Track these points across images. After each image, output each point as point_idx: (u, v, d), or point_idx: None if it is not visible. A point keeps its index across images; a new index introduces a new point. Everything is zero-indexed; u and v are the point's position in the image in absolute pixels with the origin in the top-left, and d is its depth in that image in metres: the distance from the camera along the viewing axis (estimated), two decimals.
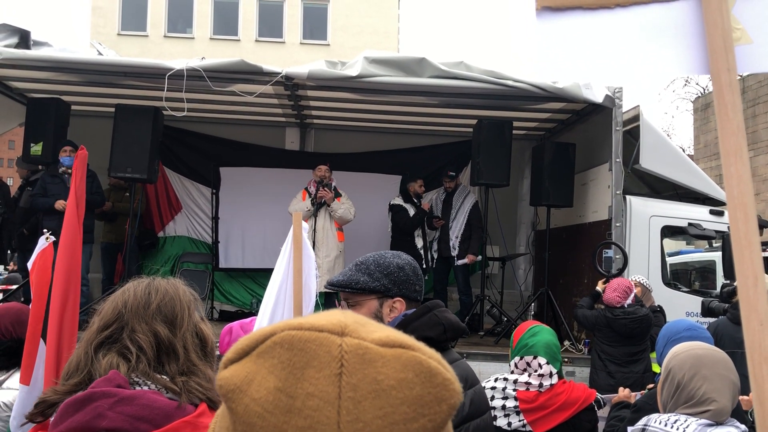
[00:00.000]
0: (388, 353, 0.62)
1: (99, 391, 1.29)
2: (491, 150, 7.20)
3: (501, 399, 3.13)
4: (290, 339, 0.63)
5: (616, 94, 6.64)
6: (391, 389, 0.61)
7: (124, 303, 1.50)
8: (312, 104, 8.16)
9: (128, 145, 6.84)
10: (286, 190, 8.05)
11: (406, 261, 2.03)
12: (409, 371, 0.62)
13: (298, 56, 21.33)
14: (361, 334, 0.64)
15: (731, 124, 1.04)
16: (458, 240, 8.09)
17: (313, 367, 0.61)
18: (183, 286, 1.61)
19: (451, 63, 6.58)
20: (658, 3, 1.14)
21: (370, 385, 0.61)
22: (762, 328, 0.96)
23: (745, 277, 0.99)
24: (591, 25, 1.16)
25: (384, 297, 1.97)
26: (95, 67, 6.67)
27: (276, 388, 0.61)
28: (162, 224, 9.11)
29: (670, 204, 7.32)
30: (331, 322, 0.64)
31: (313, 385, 0.61)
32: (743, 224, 1.01)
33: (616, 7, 1.15)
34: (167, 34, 24.33)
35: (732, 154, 1.03)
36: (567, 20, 1.16)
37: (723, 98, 1.04)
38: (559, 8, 1.16)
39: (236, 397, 0.62)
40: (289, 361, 0.62)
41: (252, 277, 8.96)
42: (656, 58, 1.14)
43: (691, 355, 2.15)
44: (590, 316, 5.52)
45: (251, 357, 0.64)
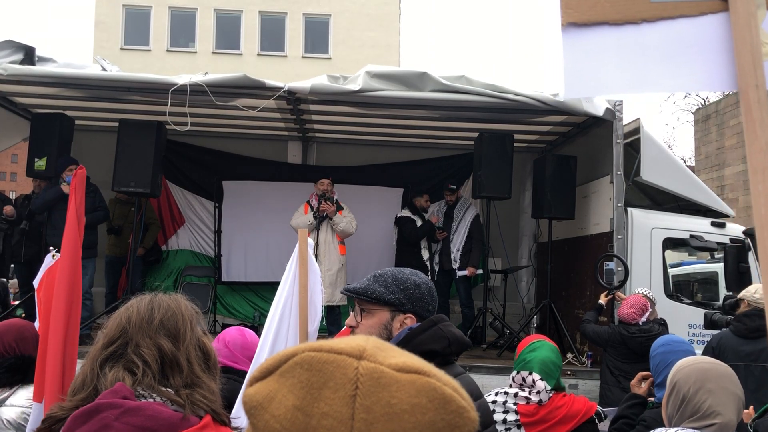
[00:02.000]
0: (403, 378, 0.64)
1: (105, 403, 1.31)
2: (493, 163, 7.23)
3: (502, 413, 3.14)
4: (310, 360, 0.66)
5: (617, 107, 6.68)
6: (404, 413, 0.63)
7: (128, 319, 1.53)
8: (314, 118, 8.21)
9: (132, 160, 6.88)
10: (288, 203, 8.08)
11: (423, 280, 2.06)
12: (423, 397, 0.64)
13: (300, 69, 21.45)
14: (378, 358, 0.66)
15: (759, 141, 1.01)
16: (459, 252, 8.11)
17: (329, 388, 0.64)
18: (185, 301, 1.63)
19: (452, 77, 6.62)
20: (685, 17, 1.12)
21: (383, 408, 0.63)
22: None
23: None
24: (617, 40, 1.14)
25: (396, 311, 2.00)
26: (99, 82, 6.72)
27: (294, 407, 0.64)
28: (165, 238, 9.14)
29: (672, 216, 7.33)
30: (350, 346, 0.67)
31: (328, 405, 0.63)
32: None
33: (643, 21, 1.14)
34: (170, 48, 24.48)
35: (760, 171, 1.01)
36: (593, 35, 1.14)
37: (751, 114, 1.02)
38: (585, 24, 1.14)
39: (258, 414, 0.66)
40: (308, 381, 0.65)
41: (254, 290, 8.98)
42: (683, 73, 1.12)
43: (696, 369, 2.16)
44: (603, 332, 5.51)
45: (274, 376, 0.68)
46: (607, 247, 6.76)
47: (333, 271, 7.48)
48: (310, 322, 2.14)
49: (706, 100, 20.78)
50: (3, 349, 3.13)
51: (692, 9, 1.12)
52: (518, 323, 8.13)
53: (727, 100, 18.51)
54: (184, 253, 9.19)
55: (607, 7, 1.14)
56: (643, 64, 1.14)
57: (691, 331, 6.49)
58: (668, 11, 1.13)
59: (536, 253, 9.13)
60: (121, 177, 6.90)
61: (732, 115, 17.88)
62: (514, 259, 9.33)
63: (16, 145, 8.81)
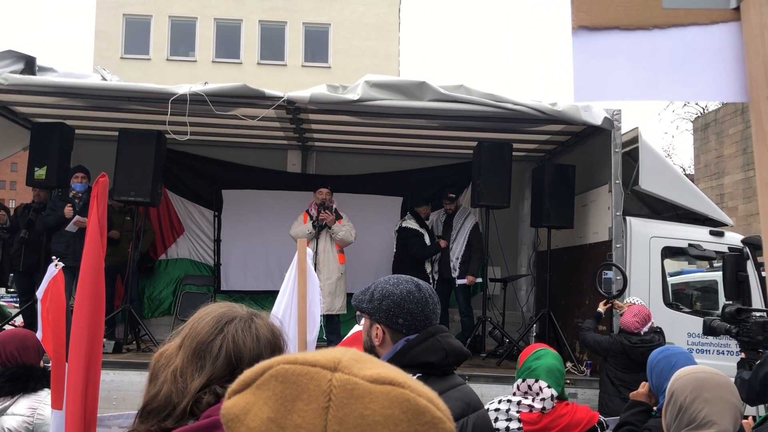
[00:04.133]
0: (376, 389, 0.64)
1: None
2: (491, 172, 7.25)
3: (504, 421, 3.14)
4: (284, 372, 0.67)
5: (615, 117, 6.70)
6: (377, 425, 0.63)
7: (237, 356, 1.46)
8: (314, 127, 8.23)
9: (132, 169, 6.90)
10: (287, 212, 8.09)
11: (402, 291, 2.03)
12: (396, 408, 0.64)
13: (300, 78, 21.51)
14: (353, 370, 0.66)
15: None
16: (459, 261, 8.12)
17: (302, 400, 0.64)
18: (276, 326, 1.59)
19: (451, 86, 6.65)
20: (697, 25, 1.11)
21: (356, 420, 0.63)
22: None
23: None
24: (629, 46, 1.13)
25: (372, 320, 2.05)
26: (99, 92, 6.74)
27: (269, 419, 0.65)
28: (164, 247, 9.14)
29: (671, 225, 7.34)
30: (325, 358, 0.68)
31: (301, 417, 0.64)
32: None
33: (654, 28, 1.12)
34: (170, 57, 24.56)
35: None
36: (604, 40, 1.13)
37: (762, 127, 1.01)
38: (597, 28, 1.13)
39: (234, 426, 0.67)
40: (282, 394, 0.65)
41: (254, 299, 8.96)
42: (694, 82, 1.11)
43: (692, 379, 2.17)
44: (604, 341, 5.51)
45: (251, 389, 0.69)
46: (606, 256, 6.76)
47: (332, 280, 7.48)
48: (309, 331, 2.15)
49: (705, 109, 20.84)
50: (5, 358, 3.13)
51: (704, 17, 1.11)
52: (517, 332, 8.12)
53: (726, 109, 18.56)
54: (183, 262, 9.19)
55: (619, 12, 1.13)
56: (653, 71, 1.12)
57: (690, 340, 6.49)
58: (680, 18, 1.12)
59: (535, 262, 9.14)
60: (121, 186, 6.92)
61: (731, 124, 17.93)
62: (513, 268, 9.34)
63: (16, 154, 8.83)
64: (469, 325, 7.98)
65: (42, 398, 3.12)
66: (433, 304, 2.06)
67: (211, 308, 1.55)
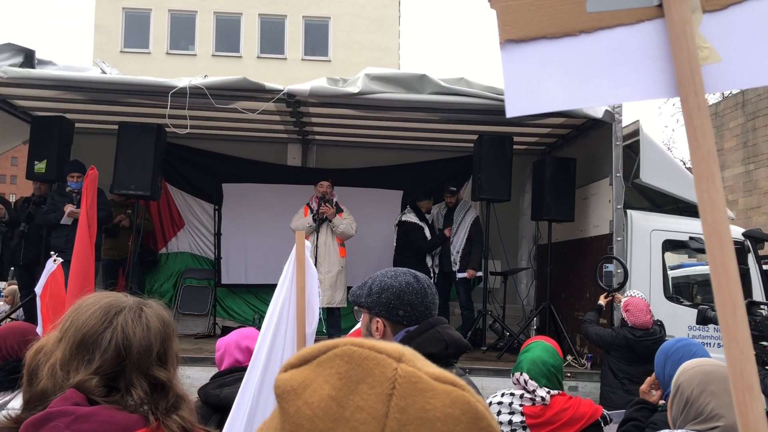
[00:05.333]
0: (439, 387, 0.66)
1: (56, 411, 1.26)
2: (492, 165, 7.24)
3: (508, 414, 3.14)
4: (351, 353, 0.67)
5: (616, 110, 6.68)
6: (437, 420, 0.63)
7: (127, 347, 1.41)
8: (314, 120, 8.21)
9: (132, 163, 6.89)
10: (288, 206, 8.08)
11: (397, 283, 2.03)
12: (457, 408, 0.65)
13: (300, 72, 21.47)
14: (417, 364, 0.67)
15: (701, 149, 1.00)
16: (459, 255, 8.11)
17: (367, 383, 0.65)
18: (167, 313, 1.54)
19: (452, 79, 6.63)
20: (623, 26, 1.09)
21: (417, 412, 0.63)
22: (743, 357, 0.94)
23: (723, 305, 0.96)
24: (557, 54, 1.11)
25: (372, 314, 2.04)
26: (99, 85, 6.73)
27: (329, 396, 0.65)
28: (165, 240, 9.15)
29: (671, 218, 7.33)
30: (391, 347, 0.68)
31: (364, 399, 0.64)
32: (719, 252, 0.98)
33: (581, 33, 1.10)
34: (170, 51, 24.51)
35: (704, 180, 1.00)
36: (532, 51, 1.11)
37: (692, 122, 1.01)
38: (523, 40, 1.11)
39: (291, 398, 0.66)
40: (346, 374, 0.66)
41: (254, 292, 8.98)
42: (624, 82, 1.10)
43: (699, 372, 2.15)
44: (606, 335, 5.50)
45: (311, 365, 0.68)
46: (607, 249, 6.76)
47: (333, 273, 7.48)
48: (308, 324, 2.14)
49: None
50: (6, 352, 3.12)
51: (629, 17, 1.09)
52: (518, 325, 8.13)
53: (726, 102, 18.52)
54: (183, 255, 9.20)
55: (544, 21, 1.11)
56: (584, 77, 1.11)
57: (690, 333, 6.48)
58: (605, 21, 1.10)
59: (536, 256, 9.13)
60: (121, 179, 6.91)
61: (731, 117, 17.89)
62: (514, 262, 9.33)
63: (16, 147, 8.82)
64: (470, 318, 7.99)
65: None
66: (432, 294, 2.05)
67: (94, 298, 1.48)
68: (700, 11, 1.08)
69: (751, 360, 0.94)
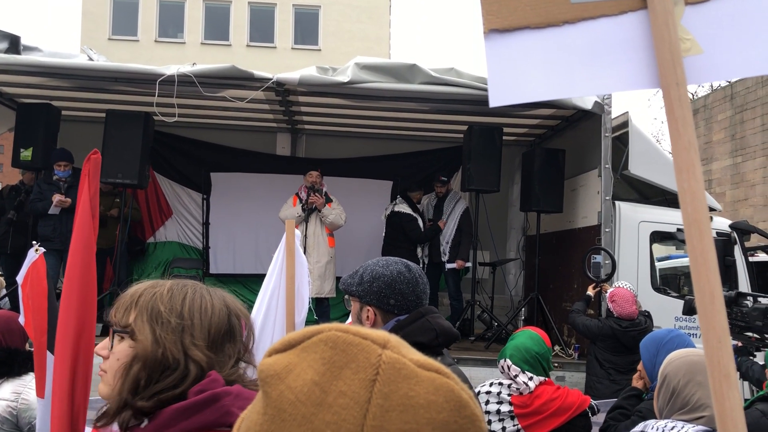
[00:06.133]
0: (423, 374, 0.66)
1: (221, 391, 1.28)
2: (482, 156, 7.24)
3: (496, 403, 3.15)
4: (335, 339, 0.67)
5: (605, 101, 6.69)
6: (420, 407, 0.63)
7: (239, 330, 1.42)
8: (303, 110, 8.18)
9: (119, 151, 6.83)
10: (277, 195, 8.05)
11: (388, 272, 2.03)
12: (441, 396, 0.65)
13: (290, 61, 21.36)
14: (402, 351, 0.67)
15: (682, 139, 1.02)
16: (449, 245, 8.13)
17: (350, 369, 0.65)
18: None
19: (442, 69, 6.62)
20: (607, 17, 1.10)
21: (400, 399, 0.63)
22: (720, 345, 0.95)
23: (702, 294, 0.97)
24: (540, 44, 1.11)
25: (362, 303, 2.04)
26: (86, 72, 6.66)
27: (312, 381, 0.65)
28: (152, 229, 9.10)
29: (659, 209, 7.37)
30: (376, 334, 0.68)
31: (347, 384, 0.64)
32: (698, 241, 0.99)
33: (564, 24, 1.10)
34: (158, 38, 24.31)
35: (684, 170, 1.01)
36: (516, 41, 1.11)
37: (673, 113, 1.02)
38: (507, 29, 1.11)
39: (274, 383, 0.66)
40: (330, 359, 0.65)
41: (243, 282, 8.95)
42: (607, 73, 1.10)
43: (686, 362, 2.17)
44: (593, 326, 5.53)
45: (296, 350, 0.68)
46: (595, 240, 6.79)
47: (322, 264, 7.47)
48: (297, 313, 2.13)
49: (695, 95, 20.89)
50: None
51: (612, 8, 1.10)
52: (506, 316, 8.16)
53: (715, 95, 18.61)
54: (171, 245, 9.15)
55: (528, 11, 1.11)
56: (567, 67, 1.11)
57: (677, 324, 6.53)
58: (589, 11, 1.10)
59: (524, 246, 9.16)
60: (108, 168, 6.84)
61: (720, 110, 17.99)
62: (503, 252, 9.36)
63: (2, 135, 8.72)
64: (458, 308, 8.01)
65: (27, 383, 3.06)
66: (423, 284, 2.05)
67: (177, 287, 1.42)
68: (683, 3, 1.08)
69: (728, 349, 0.95)
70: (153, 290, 1.37)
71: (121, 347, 1.34)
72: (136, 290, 1.38)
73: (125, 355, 1.32)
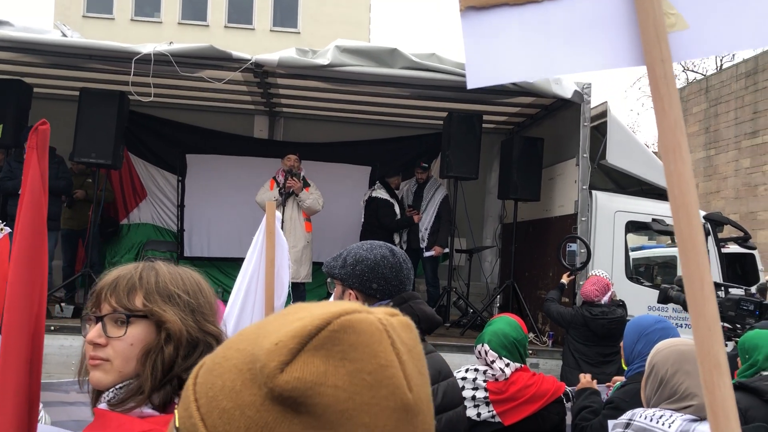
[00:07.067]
0: (393, 321, 0.68)
1: None
2: (461, 143, 7.23)
3: (471, 389, 3.15)
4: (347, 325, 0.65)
5: (585, 90, 6.71)
6: (414, 348, 0.68)
7: None
8: (282, 92, 8.09)
9: (93, 130, 6.69)
10: (253, 178, 7.97)
11: (376, 256, 2.01)
12: (411, 332, 0.70)
13: (268, 44, 21.11)
14: (369, 310, 0.68)
15: (668, 118, 0.95)
16: (428, 232, 8.14)
17: (376, 342, 0.65)
18: None
19: (423, 54, 6.58)
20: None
21: (404, 347, 0.66)
22: (711, 334, 0.91)
23: (691, 280, 0.92)
24: (519, 22, 1.05)
25: (345, 286, 2.01)
26: (59, 48, 6.49)
27: (356, 371, 0.63)
28: (126, 211, 8.96)
29: (635, 200, 7.43)
30: (343, 306, 0.67)
31: (383, 356, 0.64)
32: (686, 226, 0.94)
33: (544, 0, 1.05)
34: (134, 17, 23.86)
35: (671, 151, 0.95)
36: (493, 19, 1.05)
37: (658, 91, 0.96)
38: (484, 6, 1.05)
39: (319, 391, 0.62)
40: (357, 342, 0.64)
41: (218, 266, 8.88)
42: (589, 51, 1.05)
43: (674, 351, 2.17)
44: (566, 313, 5.58)
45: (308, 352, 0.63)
46: (571, 229, 6.83)
47: (298, 248, 7.42)
48: (277, 296, 2.10)
49: None
50: None
51: None
52: (481, 303, 8.20)
53: (690, 88, 18.81)
54: (145, 227, 9.03)
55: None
56: (547, 46, 1.05)
57: (650, 313, 6.61)
58: None
59: (501, 234, 9.20)
60: (82, 147, 6.71)
61: (695, 103, 18.19)
62: (479, 240, 9.39)
63: None
64: (435, 295, 8.03)
65: None
66: (407, 269, 2.03)
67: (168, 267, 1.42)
68: None
69: (719, 337, 0.91)
70: (151, 272, 1.36)
71: (137, 332, 1.31)
72: (128, 273, 1.36)
73: (143, 339, 1.31)
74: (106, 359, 1.31)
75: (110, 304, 1.33)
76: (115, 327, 1.32)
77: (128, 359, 1.31)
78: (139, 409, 1.27)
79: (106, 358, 1.31)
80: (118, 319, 1.32)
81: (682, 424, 2.00)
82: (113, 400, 1.30)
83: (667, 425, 2.01)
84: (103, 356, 1.32)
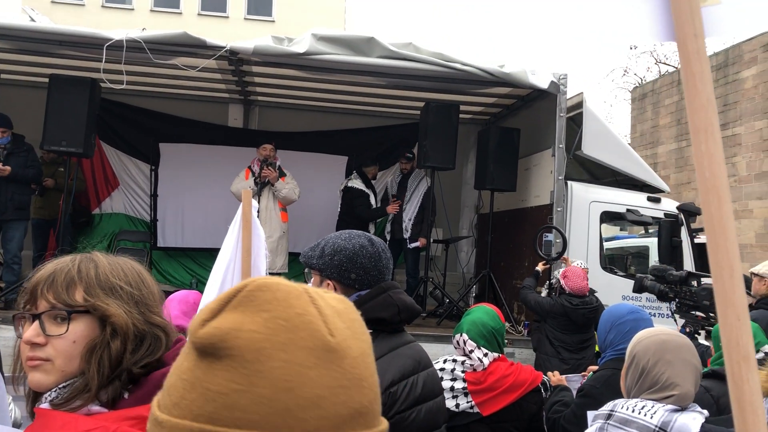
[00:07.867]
0: (323, 292, 0.75)
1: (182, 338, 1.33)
2: (438, 133, 7.21)
3: (449, 380, 3.14)
4: (263, 284, 0.71)
5: (561, 81, 6.73)
6: (344, 311, 0.74)
7: None
8: (257, 81, 8.00)
9: (63, 118, 6.54)
10: (228, 168, 7.88)
11: (354, 245, 1.98)
12: (344, 303, 0.76)
13: (242, 32, 20.86)
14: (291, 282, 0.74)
15: (700, 96, 0.91)
16: (411, 222, 8.13)
17: (293, 297, 0.71)
18: None
19: (400, 44, 6.54)
20: None
21: (330, 309, 0.72)
22: (740, 324, 0.84)
23: (720, 268, 0.86)
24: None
25: (323, 276, 1.99)
26: (27, 33, 6.35)
27: (271, 317, 0.69)
28: (98, 201, 8.81)
29: (610, 190, 7.49)
30: (270, 278, 0.74)
31: (300, 307, 0.70)
32: (717, 209, 0.87)
33: None
34: (105, 4, 23.42)
35: (702, 130, 0.90)
36: None
37: (690, 67, 0.92)
38: None
39: (235, 335, 0.68)
40: (273, 298, 0.70)
41: (191, 256, 8.78)
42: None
43: (654, 341, 2.17)
44: (545, 303, 5.60)
45: (227, 310, 0.70)
46: (547, 219, 6.87)
47: (274, 239, 7.36)
48: None
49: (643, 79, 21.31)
50: None
51: None
52: (458, 292, 8.22)
53: (663, 80, 19.01)
54: (118, 216, 8.89)
55: None
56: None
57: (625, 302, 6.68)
58: None
59: (477, 224, 9.22)
60: (52, 135, 6.55)
61: (667, 95, 18.39)
62: (456, 230, 9.40)
63: None
64: (413, 285, 8.03)
65: None
66: (386, 259, 2.00)
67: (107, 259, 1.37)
68: None
69: (748, 327, 0.85)
70: (90, 264, 1.29)
71: (79, 328, 1.24)
72: (65, 266, 1.28)
73: (86, 335, 1.23)
74: (47, 359, 1.23)
75: (48, 300, 1.24)
76: (55, 324, 1.23)
77: (71, 357, 1.23)
78: (86, 407, 1.21)
79: (46, 358, 1.23)
80: (57, 316, 1.24)
81: (664, 415, 2.01)
82: (57, 399, 1.22)
83: (648, 416, 2.01)
84: (43, 356, 1.23)
